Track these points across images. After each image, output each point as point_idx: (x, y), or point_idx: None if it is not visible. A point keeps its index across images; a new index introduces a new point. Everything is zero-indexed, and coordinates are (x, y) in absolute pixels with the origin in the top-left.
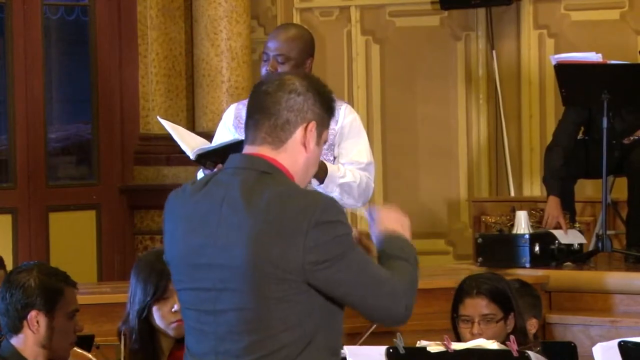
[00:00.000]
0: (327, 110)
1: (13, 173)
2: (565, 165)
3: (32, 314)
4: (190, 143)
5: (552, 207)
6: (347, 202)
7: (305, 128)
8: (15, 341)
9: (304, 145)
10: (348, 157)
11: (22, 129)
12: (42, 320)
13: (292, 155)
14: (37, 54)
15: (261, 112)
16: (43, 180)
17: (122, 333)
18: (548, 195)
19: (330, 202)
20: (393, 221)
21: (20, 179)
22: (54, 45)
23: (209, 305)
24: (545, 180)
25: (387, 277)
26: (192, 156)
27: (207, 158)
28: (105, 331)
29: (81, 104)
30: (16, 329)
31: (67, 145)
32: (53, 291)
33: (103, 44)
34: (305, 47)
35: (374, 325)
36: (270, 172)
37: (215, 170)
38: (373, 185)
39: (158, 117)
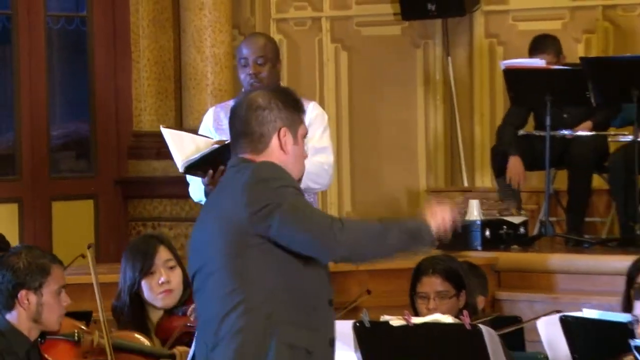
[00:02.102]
0: (293, 110)
1: (19, 166)
2: (515, 144)
3: (22, 293)
4: (186, 150)
5: (516, 166)
6: (313, 186)
7: (279, 135)
8: (10, 317)
9: (283, 149)
10: (309, 143)
11: (26, 127)
12: (32, 298)
13: (273, 160)
14: (40, 60)
15: (239, 134)
16: (46, 173)
17: (113, 308)
18: (509, 156)
19: (268, 165)
20: (429, 211)
21: (25, 171)
22: (55, 52)
23: (199, 282)
24: (502, 146)
25: (328, 217)
26: (180, 169)
27: (195, 168)
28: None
29: (80, 104)
30: (9, 307)
31: (68, 141)
32: (40, 271)
33: (100, 51)
34: (276, 49)
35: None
36: (246, 162)
37: (207, 177)
38: (330, 166)
39: (161, 126)
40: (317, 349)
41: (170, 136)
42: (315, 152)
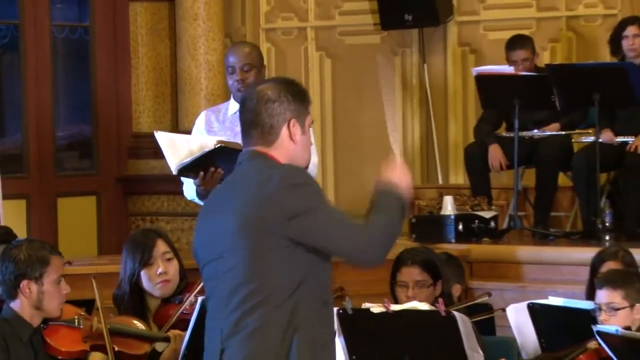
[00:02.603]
0: (301, 101)
1: (27, 165)
2: (493, 136)
3: (24, 283)
4: (179, 153)
5: (496, 152)
6: None
7: (288, 126)
8: (14, 305)
9: (292, 139)
10: None
11: (33, 128)
12: (33, 287)
13: (283, 150)
14: (46, 66)
15: (250, 125)
16: (52, 171)
17: (114, 296)
18: (488, 145)
19: (299, 170)
20: (396, 176)
21: (33, 170)
22: (60, 59)
23: (212, 272)
24: (480, 139)
25: (357, 225)
26: (174, 172)
27: (187, 170)
28: (104, 296)
29: (83, 107)
30: (12, 296)
31: (72, 142)
32: (40, 262)
33: (101, 58)
34: (260, 56)
35: None
36: (261, 157)
37: (198, 179)
38: (315, 165)
39: (154, 132)
40: (328, 342)
41: (165, 140)
42: None
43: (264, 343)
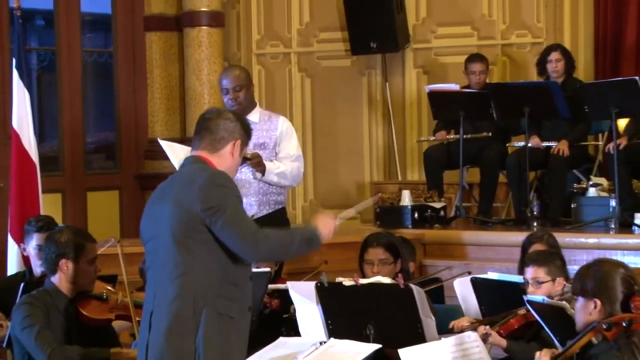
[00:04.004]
0: (247, 135)
1: (62, 165)
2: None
3: (63, 261)
4: (179, 155)
5: (442, 133)
6: (285, 184)
7: (234, 144)
8: (54, 279)
9: (232, 154)
10: (284, 152)
11: (67, 135)
12: (70, 265)
13: (222, 160)
14: (77, 84)
15: (205, 130)
16: (82, 170)
17: (139, 270)
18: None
19: (223, 174)
20: (321, 222)
21: (67, 169)
22: (89, 78)
23: (150, 248)
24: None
25: (255, 230)
26: (177, 167)
27: None
28: (128, 272)
29: (108, 118)
30: (53, 271)
31: (99, 146)
32: (77, 245)
33: (123, 77)
34: (248, 76)
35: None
36: (200, 162)
37: None
38: (303, 170)
39: (158, 139)
40: (238, 316)
41: (167, 145)
42: (295, 158)
43: (179, 312)
